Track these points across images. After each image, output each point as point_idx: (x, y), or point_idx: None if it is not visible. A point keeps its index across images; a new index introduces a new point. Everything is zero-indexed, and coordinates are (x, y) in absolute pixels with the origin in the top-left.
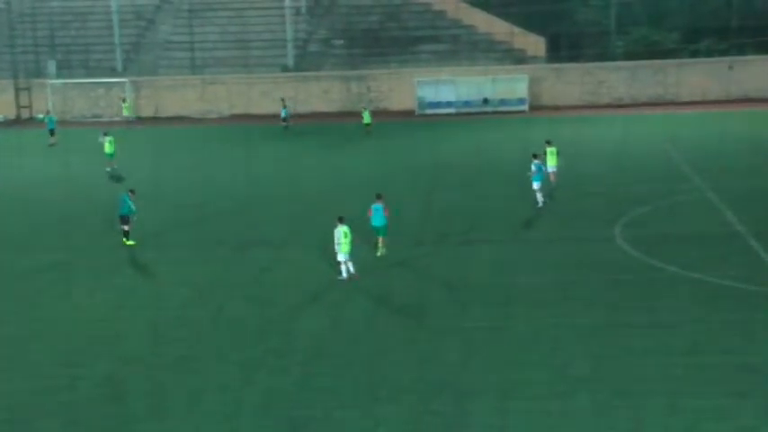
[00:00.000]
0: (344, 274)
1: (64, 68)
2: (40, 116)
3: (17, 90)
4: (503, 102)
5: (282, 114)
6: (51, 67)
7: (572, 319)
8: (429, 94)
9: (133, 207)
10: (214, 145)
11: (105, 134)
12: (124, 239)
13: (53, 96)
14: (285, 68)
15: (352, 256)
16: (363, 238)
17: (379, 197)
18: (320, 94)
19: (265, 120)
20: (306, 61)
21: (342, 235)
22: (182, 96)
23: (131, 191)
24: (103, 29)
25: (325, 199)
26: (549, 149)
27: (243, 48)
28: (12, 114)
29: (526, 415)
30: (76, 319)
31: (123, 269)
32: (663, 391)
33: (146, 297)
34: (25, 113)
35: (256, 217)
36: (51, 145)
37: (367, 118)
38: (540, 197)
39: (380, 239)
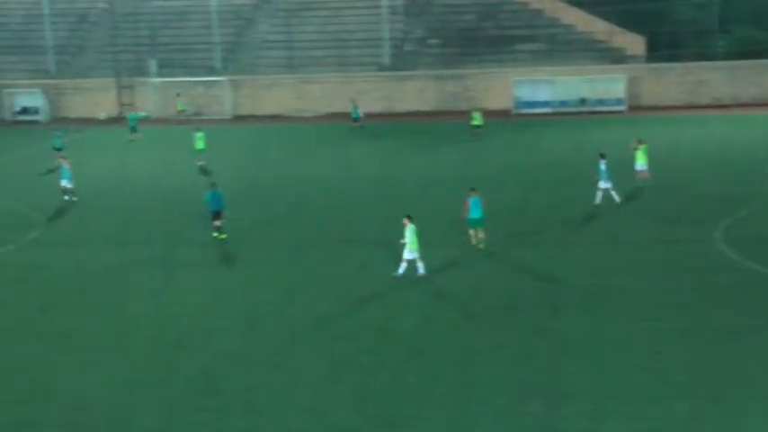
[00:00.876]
0: (401, 271)
1: (165, 67)
2: (142, 114)
3: (119, 89)
4: (600, 102)
5: (354, 115)
6: (152, 65)
7: (669, 322)
8: (525, 93)
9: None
10: (309, 143)
11: (197, 130)
12: (216, 234)
13: (153, 95)
14: (381, 68)
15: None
16: (456, 237)
17: (473, 190)
18: (415, 93)
19: (363, 118)
20: (401, 60)
21: (411, 233)
22: (278, 95)
23: (213, 184)
24: (203, 28)
25: (421, 197)
26: (640, 147)
27: (339, 47)
28: (114, 112)
29: (621, 419)
30: (171, 314)
31: (217, 265)
32: (763, 398)
33: (239, 293)
34: (127, 112)
35: (352, 215)
36: (131, 141)
37: (478, 119)
38: (599, 197)
39: (479, 232)
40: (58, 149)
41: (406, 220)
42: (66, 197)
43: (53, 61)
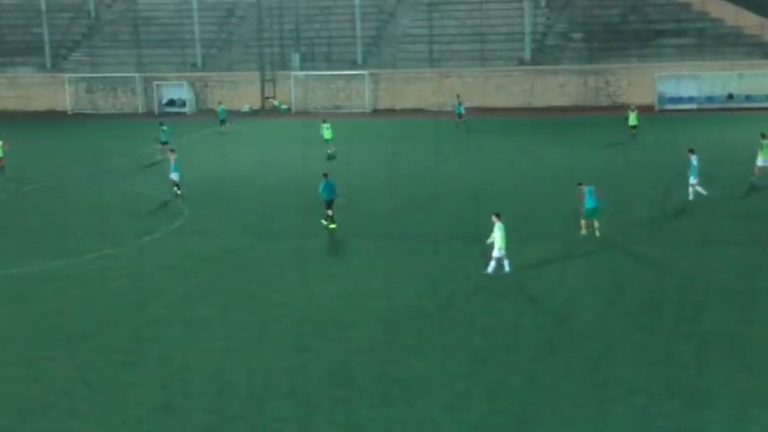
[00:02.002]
0: (490, 270)
1: (307, 61)
2: (283, 106)
3: (263, 82)
4: (749, 98)
5: (458, 111)
6: (295, 59)
7: None
8: (670, 89)
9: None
10: (448, 137)
11: (324, 121)
12: (325, 222)
13: (295, 88)
14: (522, 62)
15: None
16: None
17: (580, 184)
18: (556, 87)
19: (501, 113)
20: (543, 55)
21: (500, 231)
22: (418, 89)
23: (325, 174)
24: (346, 22)
25: (556, 194)
26: (764, 143)
27: (480, 41)
28: (257, 105)
29: (766, 426)
30: (309, 304)
31: (352, 256)
32: None
33: (376, 286)
34: (270, 104)
35: (487, 210)
36: (222, 133)
37: (634, 119)
38: (691, 192)
39: (594, 222)
40: (164, 143)
41: (494, 218)
42: (177, 190)
43: (200, 54)
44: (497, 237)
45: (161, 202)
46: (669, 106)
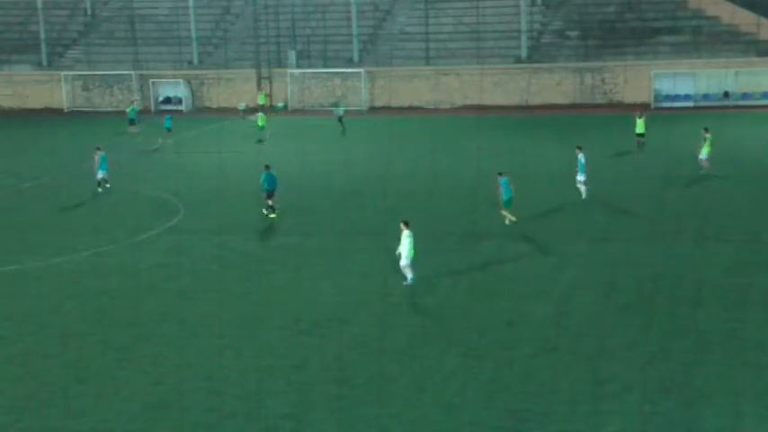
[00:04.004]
0: (409, 281)
1: (303, 58)
2: (280, 104)
3: (259, 79)
4: (745, 96)
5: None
6: (292, 57)
7: None
8: (666, 86)
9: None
10: (444, 135)
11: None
12: (265, 212)
13: (291, 85)
14: (518, 60)
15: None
16: (589, 230)
17: (500, 174)
18: (553, 86)
19: (498, 111)
20: (539, 53)
21: (407, 239)
22: (414, 87)
23: (267, 166)
24: (342, 20)
25: (552, 191)
26: (707, 136)
27: (476, 39)
28: (253, 103)
29: (760, 421)
30: (306, 302)
31: (349, 254)
32: None
33: (372, 282)
34: (266, 101)
35: (482, 208)
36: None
37: (641, 127)
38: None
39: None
40: (132, 120)
41: (402, 226)
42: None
43: (196, 52)
44: (405, 245)
45: (157, 200)
46: (665, 104)
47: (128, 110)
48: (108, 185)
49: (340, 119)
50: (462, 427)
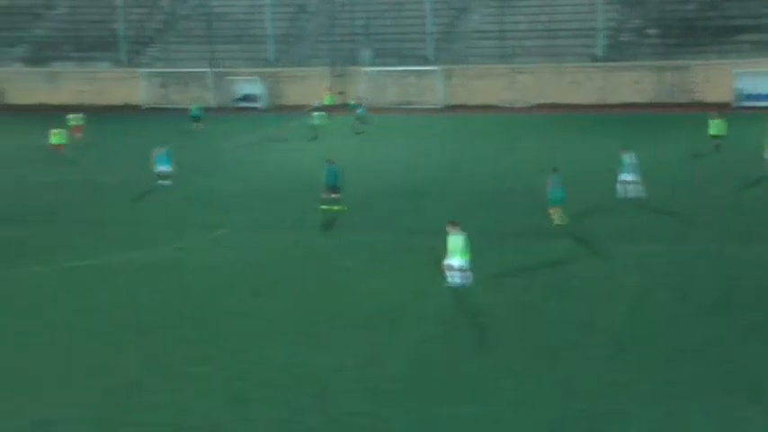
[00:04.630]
0: (458, 280)
1: (378, 57)
2: (354, 102)
3: (334, 77)
4: None
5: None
6: (366, 55)
7: None
8: (748, 86)
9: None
10: (518, 134)
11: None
12: (325, 207)
13: (366, 83)
14: (594, 58)
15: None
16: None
17: (555, 170)
18: (630, 84)
19: (573, 110)
20: (616, 51)
21: (454, 240)
22: (489, 85)
23: (330, 160)
24: (417, 18)
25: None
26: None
27: (551, 37)
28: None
29: None
30: (381, 299)
31: (424, 253)
32: None
33: (444, 282)
34: (340, 100)
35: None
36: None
37: (717, 128)
38: (622, 189)
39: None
40: (196, 119)
41: (449, 227)
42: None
43: (272, 50)
44: (452, 246)
45: (233, 195)
46: (747, 103)
47: (191, 107)
48: (169, 181)
49: (358, 119)
50: (534, 426)
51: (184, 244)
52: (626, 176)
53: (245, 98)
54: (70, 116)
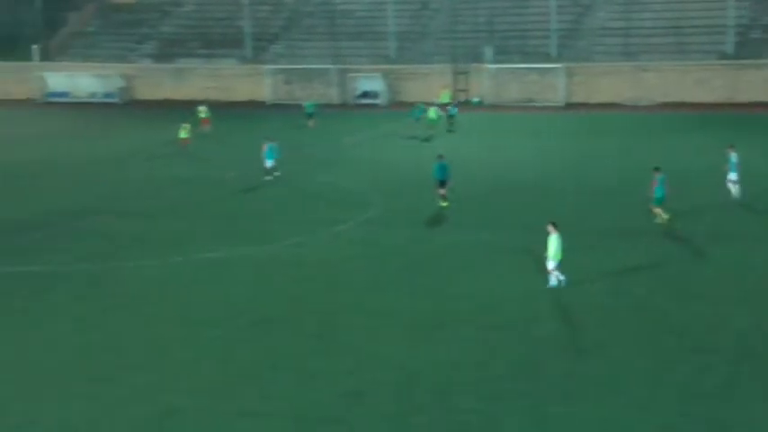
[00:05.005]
0: (554, 283)
1: (500, 54)
2: (476, 100)
3: (455, 74)
4: None
5: (451, 112)
6: (488, 52)
7: None
8: None
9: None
10: (642, 133)
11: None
12: (442, 203)
13: (488, 81)
14: (722, 56)
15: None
16: None
17: (657, 170)
18: (762, 83)
19: (701, 108)
20: (746, 49)
21: (554, 241)
22: (613, 83)
23: (440, 156)
24: (541, 15)
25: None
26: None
27: (678, 34)
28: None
29: None
30: (495, 298)
31: (539, 251)
32: None
33: (567, 282)
34: (462, 97)
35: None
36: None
37: None
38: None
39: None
40: (310, 115)
41: (550, 228)
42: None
43: (394, 47)
44: (551, 247)
45: (353, 192)
46: None
47: (305, 104)
48: (278, 174)
49: (450, 117)
50: (654, 431)
51: (304, 239)
52: (732, 176)
53: (366, 95)
54: (200, 108)
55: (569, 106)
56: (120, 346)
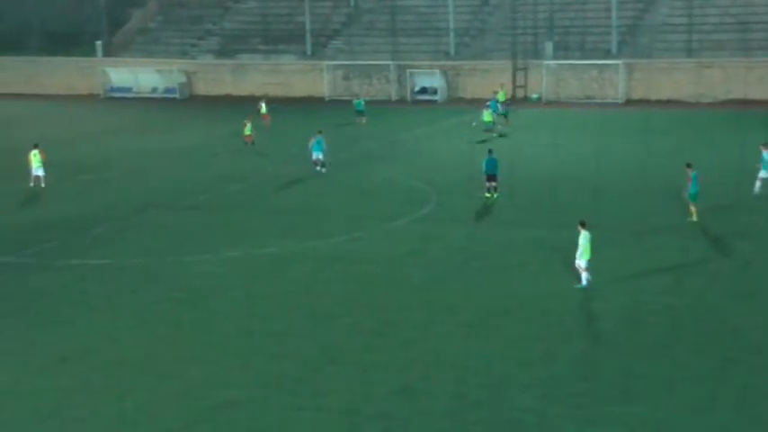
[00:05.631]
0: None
1: (560, 50)
2: (534, 96)
3: (515, 70)
4: None
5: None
6: (548, 48)
7: None
8: None
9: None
10: (704, 131)
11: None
12: (488, 195)
13: (547, 77)
14: None
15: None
16: None
17: (689, 166)
18: None
19: (765, 106)
20: None
21: (584, 240)
22: (674, 79)
23: (490, 150)
24: (602, 11)
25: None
26: None
27: (743, 30)
28: (509, 94)
29: None
30: (552, 296)
31: (596, 250)
32: None
33: (623, 279)
34: (521, 93)
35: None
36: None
37: None
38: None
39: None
40: (360, 112)
41: (579, 227)
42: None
43: (453, 43)
44: (581, 246)
45: (409, 187)
46: None
47: (355, 102)
48: (324, 169)
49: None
50: (711, 430)
51: (360, 234)
52: (764, 173)
53: (423, 91)
54: (262, 104)
55: (629, 103)
56: (178, 339)
